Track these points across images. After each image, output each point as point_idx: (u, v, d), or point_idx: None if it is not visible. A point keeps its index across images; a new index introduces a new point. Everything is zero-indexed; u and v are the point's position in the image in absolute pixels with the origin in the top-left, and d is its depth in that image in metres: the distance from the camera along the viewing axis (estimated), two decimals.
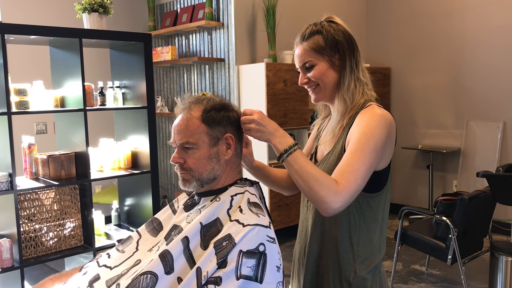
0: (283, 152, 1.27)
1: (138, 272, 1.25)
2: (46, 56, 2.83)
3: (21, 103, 2.42)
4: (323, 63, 1.39)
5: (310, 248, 1.44)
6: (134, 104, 2.87)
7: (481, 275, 3.60)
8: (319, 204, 1.21)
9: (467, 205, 3.03)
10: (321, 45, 1.38)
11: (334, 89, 1.40)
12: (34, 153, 2.60)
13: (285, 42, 4.48)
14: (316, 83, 1.41)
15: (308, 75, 1.41)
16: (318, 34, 1.39)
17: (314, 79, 1.40)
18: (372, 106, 1.35)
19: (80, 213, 2.65)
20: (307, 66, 1.40)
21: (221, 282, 1.13)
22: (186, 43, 4.83)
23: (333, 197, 1.19)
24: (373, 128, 1.28)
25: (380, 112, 1.32)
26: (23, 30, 2.36)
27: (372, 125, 1.28)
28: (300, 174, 1.23)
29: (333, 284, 1.39)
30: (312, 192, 1.21)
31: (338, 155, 1.35)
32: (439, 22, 4.98)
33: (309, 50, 1.39)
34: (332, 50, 1.38)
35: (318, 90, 1.42)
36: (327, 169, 1.36)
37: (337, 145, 1.38)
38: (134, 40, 2.77)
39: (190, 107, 1.34)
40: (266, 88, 4.08)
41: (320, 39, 1.39)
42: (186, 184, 1.34)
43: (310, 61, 1.39)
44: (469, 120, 4.82)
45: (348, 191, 1.20)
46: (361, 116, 1.33)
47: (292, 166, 1.25)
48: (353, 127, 1.33)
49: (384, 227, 1.44)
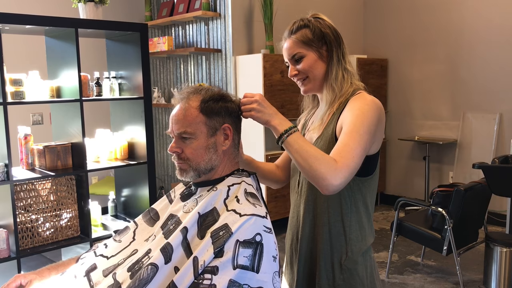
0: (283, 132, 1.30)
1: (133, 261, 1.26)
2: (41, 46, 2.81)
3: (17, 94, 2.41)
4: (312, 54, 1.44)
5: (302, 233, 1.48)
6: (130, 94, 2.86)
7: (476, 266, 3.63)
8: (319, 181, 1.24)
9: (463, 196, 3.05)
10: (309, 37, 1.44)
11: (323, 80, 1.46)
12: (30, 144, 2.59)
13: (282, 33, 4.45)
14: (305, 75, 1.46)
15: (298, 67, 1.46)
16: (306, 27, 1.45)
17: (304, 70, 1.45)
18: (363, 93, 1.42)
19: (77, 204, 2.65)
20: (296, 58, 1.46)
21: (217, 271, 1.14)
22: (182, 33, 4.80)
23: (333, 174, 1.23)
24: (366, 111, 1.34)
25: (371, 98, 1.39)
26: (18, 20, 2.34)
27: (365, 108, 1.34)
28: (300, 153, 1.27)
29: (325, 267, 1.43)
30: (313, 170, 1.24)
31: (328, 139, 1.40)
32: (436, 13, 4.97)
33: (298, 43, 1.45)
34: (320, 41, 1.44)
35: (307, 82, 1.47)
36: None
37: (326, 130, 1.43)
38: (131, 30, 2.75)
39: (189, 97, 1.34)
40: (263, 79, 4.07)
41: (308, 31, 1.45)
42: (183, 174, 1.34)
43: (299, 53, 1.45)
44: (465, 112, 4.83)
45: (347, 168, 1.24)
46: (353, 102, 1.38)
47: (292, 146, 1.29)
48: (345, 111, 1.38)
49: (371, 212, 1.50)
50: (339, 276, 1.41)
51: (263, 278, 1.16)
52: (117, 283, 1.23)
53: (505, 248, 3.06)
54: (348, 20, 5.44)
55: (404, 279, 3.47)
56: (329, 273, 1.42)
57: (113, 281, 1.25)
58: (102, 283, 1.28)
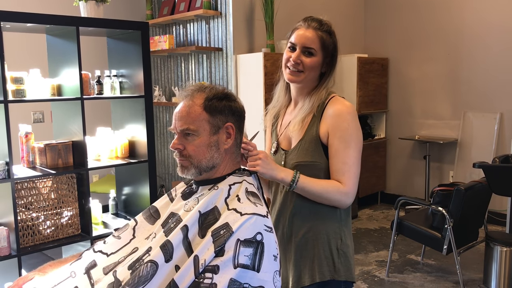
0: (291, 182, 1.47)
1: (134, 259, 1.26)
2: (43, 44, 2.81)
3: (18, 92, 2.41)
4: (320, 58, 1.52)
5: (294, 226, 1.57)
6: (131, 93, 2.86)
7: (476, 265, 3.63)
8: (337, 205, 1.50)
9: (463, 195, 3.05)
10: (327, 43, 1.52)
11: (310, 84, 1.56)
12: (31, 142, 2.59)
13: (283, 31, 4.44)
14: (303, 70, 1.52)
15: (303, 59, 1.51)
16: (330, 34, 1.54)
17: (306, 66, 1.51)
18: (337, 98, 1.54)
19: (78, 202, 2.65)
20: (308, 51, 1.51)
21: (218, 270, 1.14)
22: (183, 32, 4.80)
23: (345, 197, 1.48)
24: (350, 121, 1.49)
25: (348, 103, 1.52)
26: (19, 18, 2.34)
27: (348, 119, 1.49)
28: (312, 193, 1.48)
29: (324, 254, 1.52)
30: (328, 201, 1.49)
31: (312, 141, 1.52)
32: (437, 13, 4.97)
33: (319, 40, 1.51)
34: (329, 53, 1.54)
35: (299, 75, 1.53)
36: (301, 155, 1.54)
37: (308, 132, 1.53)
38: (132, 29, 2.75)
39: (193, 95, 1.34)
40: (263, 78, 4.07)
41: (329, 39, 1.53)
42: (185, 171, 1.34)
43: (314, 50, 1.50)
44: (466, 111, 4.83)
45: (353, 186, 1.47)
46: (335, 110, 1.50)
47: (303, 189, 1.48)
48: (328, 118, 1.50)
49: None
50: (337, 260, 1.53)
51: (264, 277, 1.17)
52: (118, 281, 1.23)
53: (505, 248, 3.06)
54: (349, 19, 5.43)
55: (404, 278, 3.47)
56: (329, 260, 1.53)
57: (113, 279, 1.25)
58: (102, 281, 1.28)
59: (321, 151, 1.52)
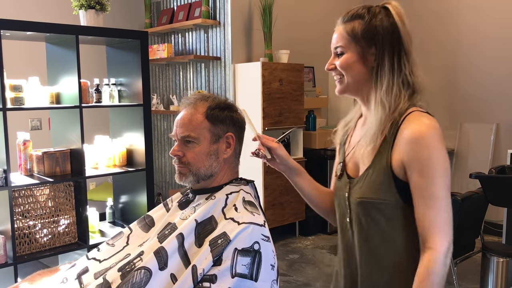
0: None
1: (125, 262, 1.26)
2: (42, 52, 2.82)
3: (16, 99, 2.42)
4: (353, 53, 1.22)
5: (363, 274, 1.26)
6: (129, 101, 2.87)
7: (472, 276, 3.63)
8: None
9: (459, 206, 3.06)
10: (357, 32, 1.21)
11: (362, 85, 1.24)
12: (29, 150, 2.59)
13: (281, 41, 4.49)
14: (341, 73, 1.25)
15: (336, 62, 1.25)
16: (359, 18, 1.22)
17: (340, 68, 1.24)
18: (415, 115, 1.19)
19: (75, 210, 2.65)
20: (338, 51, 1.25)
21: (216, 279, 1.14)
22: (182, 41, 4.82)
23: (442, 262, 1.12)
24: (433, 149, 1.14)
25: (429, 122, 1.17)
26: (19, 26, 2.35)
27: (430, 144, 1.14)
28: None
29: None
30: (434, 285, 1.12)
31: (383, 172, 1.19)
32: (433, 24, 5.01)
33: (344, 35, 1.23)
34: (368, 42, 1.20)
35: (342, 81, 1.26)
36: (366, 189, 1.21)
37: (378, 159, 1.20)
38: (131, 38, 2.77)
39: (196, 103, 1.36)
40: (261, 87, 4.09)
41: (358, 25, 1.21)
42: (182, 178, 1.35)
43: (341, 47, 1.23)
44: (462, 122, 4.85)
45: (445, 240, 1.13)
46: (411, 133, 1.15)
47: None
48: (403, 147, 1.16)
49: None
50: None
51: (262, 287, 1.17)
52: (107, 282, 1.23)
53: (502, 258, 3.07)
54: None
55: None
56: None
57: (102, 281, 1.24)
58: (91, 284, 1.28)
59: (392, 185, 1.17)
